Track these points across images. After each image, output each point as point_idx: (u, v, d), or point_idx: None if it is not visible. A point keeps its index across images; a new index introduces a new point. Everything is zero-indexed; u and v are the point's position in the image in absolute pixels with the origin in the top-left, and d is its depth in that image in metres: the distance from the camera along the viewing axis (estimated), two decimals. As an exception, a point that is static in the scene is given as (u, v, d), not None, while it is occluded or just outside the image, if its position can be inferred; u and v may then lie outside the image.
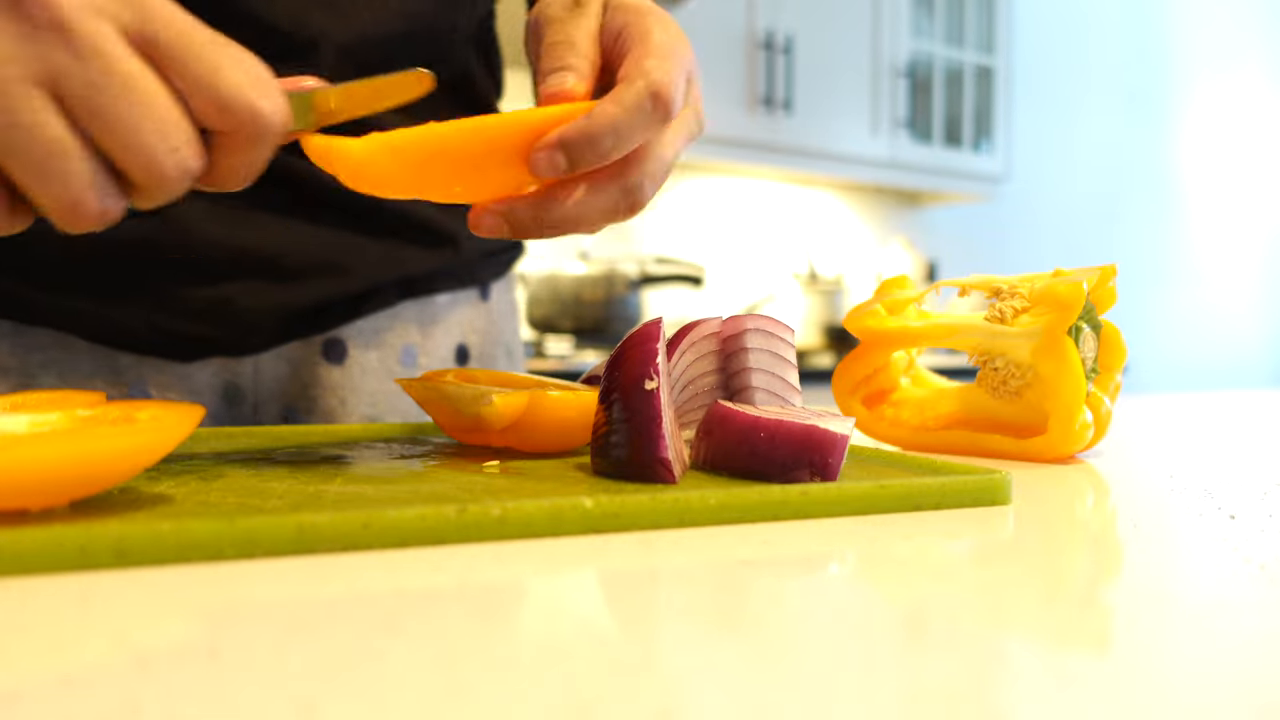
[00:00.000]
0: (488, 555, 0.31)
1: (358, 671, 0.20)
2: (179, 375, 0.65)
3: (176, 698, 0.19)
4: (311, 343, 0.68)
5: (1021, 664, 0.22)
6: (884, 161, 3.00)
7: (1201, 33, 4.38)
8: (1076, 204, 3.99)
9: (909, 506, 0.39)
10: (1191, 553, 0.34)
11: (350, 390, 0.69)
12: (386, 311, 0.71)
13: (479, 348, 0.77)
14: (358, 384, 0.70)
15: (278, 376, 0.68)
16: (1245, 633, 0.24)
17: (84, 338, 0.62)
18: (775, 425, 0.40)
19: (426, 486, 0.38)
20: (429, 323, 0.73)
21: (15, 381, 0.61)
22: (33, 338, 0.61)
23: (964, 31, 3.21)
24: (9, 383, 0.61)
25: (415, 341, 0.72)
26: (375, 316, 0.70)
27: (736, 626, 0.25)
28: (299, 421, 0.69)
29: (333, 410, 0.69)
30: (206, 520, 0.29)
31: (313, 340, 0.68)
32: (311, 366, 0.69)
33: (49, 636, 0.23)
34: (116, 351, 0.63)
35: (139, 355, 0.64)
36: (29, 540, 0.28)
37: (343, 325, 0.69)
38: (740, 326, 0.48)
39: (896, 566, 0.32)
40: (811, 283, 2.97)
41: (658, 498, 0.35)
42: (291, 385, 0.68)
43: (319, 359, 0.69)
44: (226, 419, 0.67)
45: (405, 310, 0.72)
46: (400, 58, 0.61)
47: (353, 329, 0.70)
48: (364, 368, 0.70)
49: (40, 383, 0.62)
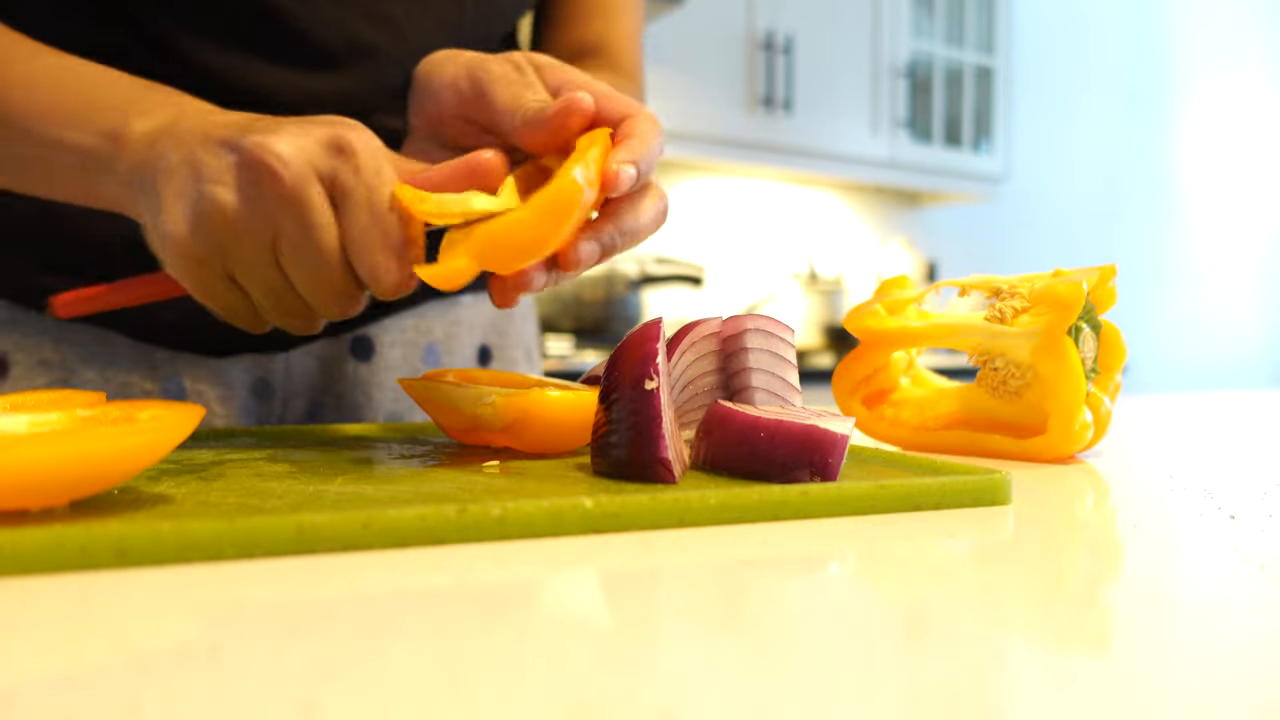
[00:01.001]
0: (488, 555, 0.31)
1: (358, 671, 0.20)
2: (213, 370, 0.66)
3: (176, 698, 0.19)
4: (341, 340, 0.70)
5: (1021, 664, 0.22)
6: (884, 161, 3.00)
7: (1201, 33, 4.38)
8: (1076, 204, 3.99)
9: (909, 506, 0.39)
10: (1191, 553, 0.34)
11: (376, 387, 0.71)
12: (413, 310, 0.72)
13: (501, 349, 0.78)
14: (383, 381, 0.71)
15: (306, 372, 0.69)
16: (1245, 633, 0.24)
17: (124, 334, 0.64)
18: (775, 425, 0.40)
19: (426, 487, 0.38)
20: (453, 323, 0.74)
21: (56, 375, 0.63)
22: (75, 333, 0.63)
23: (964, 31, 3.21)
24: (50, 376, 0.63)
25: (439, 340, 0.73)
26: (401, 315, 0.72)
27: (736, 626, 0.25)
28: (325, 418, 0.70)
29: (359, 406, 0.70)
30: (206, 520, 0.29)
31: (342, 337, 0.70)
32: (340, 363, 0.70)
33: (49, 636, 0.23)
34: (154, 347, 0.64)
35: (175, 350, 0.65)
36: (29, 540, 0.28)
37: (371, 324, 0.70)
38: (740, 326, 0.48)
39: (896, 566, 0.32)
40: (811, 283, 2.97)
41: (658, 498, 0.35)
42: (319, 380, 0.70)
43: (347, 356, 0.70)
44: (256, 412, 0.68)
45: (430, 310, 0.73)
46: None
47: (380, 327, 0.71)
48: (389, 365, 0.71)
49: (80, 376, 0.63)
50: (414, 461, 0.46)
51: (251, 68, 0.59)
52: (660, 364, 0.40)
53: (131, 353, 0.64)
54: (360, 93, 0.62)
